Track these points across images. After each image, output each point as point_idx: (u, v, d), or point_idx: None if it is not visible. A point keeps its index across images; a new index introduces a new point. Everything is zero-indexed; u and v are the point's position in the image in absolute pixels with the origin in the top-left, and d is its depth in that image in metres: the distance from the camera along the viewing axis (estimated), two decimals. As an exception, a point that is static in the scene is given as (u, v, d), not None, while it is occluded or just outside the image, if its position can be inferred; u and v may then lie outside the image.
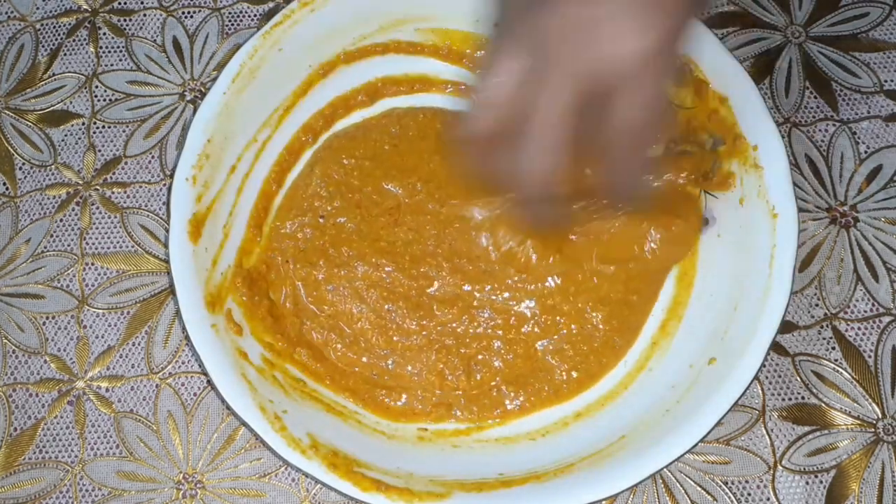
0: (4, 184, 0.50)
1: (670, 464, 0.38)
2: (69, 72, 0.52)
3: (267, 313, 0.44)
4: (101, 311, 0.47)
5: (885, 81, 0.50)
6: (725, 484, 0.43)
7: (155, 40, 0.53)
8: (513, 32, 0.31)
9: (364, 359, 0.44)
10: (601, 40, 0.28)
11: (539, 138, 0.31)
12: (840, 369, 0.45)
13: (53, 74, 0.52)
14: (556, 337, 0.44)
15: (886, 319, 0.46)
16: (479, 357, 0.44)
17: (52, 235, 0.48)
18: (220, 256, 0.44)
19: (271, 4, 0.53)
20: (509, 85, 0.31)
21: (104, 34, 0.53)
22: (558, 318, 0.45)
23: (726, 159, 0.45)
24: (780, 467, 0.43)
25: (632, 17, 0.28)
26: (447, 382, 0.44)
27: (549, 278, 0.45)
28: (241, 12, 0.53)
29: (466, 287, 0.45)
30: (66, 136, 0.51)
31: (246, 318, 0.44)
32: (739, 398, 0.39)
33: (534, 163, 0.31)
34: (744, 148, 0.44)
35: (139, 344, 0.46)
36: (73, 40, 0.53)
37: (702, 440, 0.38)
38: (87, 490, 0.43)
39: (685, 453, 0.38)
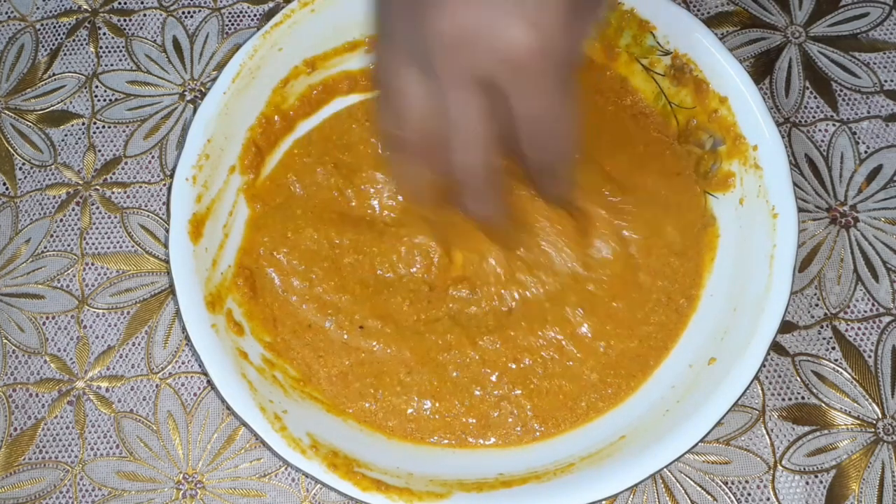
0: (4, 184, 0.50)
1: (670, 464, 0.38)
2: (69, 72, 0.52)
3: (268, 313, 0.44)
4: (101, 311, 0.47)
5: (885, 81, 0.50)
6: (725, 484, 0.43)
7: (155, 40, 0.53)
8: (400, 45, 0.32)
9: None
10: (491, 41, 0.29)
11: (464, 143, 0.32)
12: (840, 369, 0.45)
13: (53, 74, 0.52)
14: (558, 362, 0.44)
15: (886, 319, 0.46)
16: (496, 393, 0.43)
17: (52, 235, 0.48)
18: (220, 256, 0.44)
19: (271, 4, 0.53)
20: (417, 105, 0.32)
21: (104, 34, 0.53)
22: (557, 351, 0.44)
23: (726, 159, 0.45)
24: (780, 467, 0.43)
25: (518, 17, 0.28)
26: (460, 420, 0.43)
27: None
28: (241, 12, 0.53)
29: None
30: (66, 136, 0.51)
31: (246, 318, 0.43)
32: (739, 398, 0.39)
33: (468, 163, 0.33)
34: (744, 148, 0.44)
35: (139, 344, 0.46)
36: (73, 40, 0.53)
37: (701, 440, 0.38)
38: (87, 490, 0.43)
39: (685, 453, 0.38)
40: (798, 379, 0.45)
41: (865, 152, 0.49)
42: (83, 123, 0.51)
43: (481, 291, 0.44)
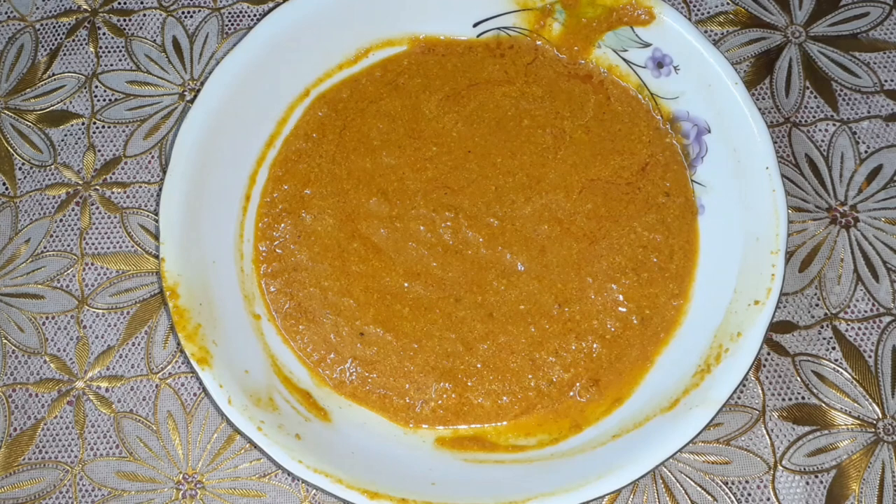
0: (4, 184, 0.50)
1: (667, 460, 0.38)
2: (69, 72, 0.52)
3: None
4: (100, 311, 0.47)
5: (885, 81, 0.50)
6: (725, 484, 0.43)
7: (155, 40, 0.53)
8: None
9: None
10: None
11: None
12: (840, 369, 0.45)
13: (53, 74, 0.52)
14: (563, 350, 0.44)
15: (887, 319, 0.46)
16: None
17: (51, 235, 0.48)
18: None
19: (271, 4, 0.53)
20: None
21: (104, 34, 0.53)
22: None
23: None
24: (780, 467, 0.43)
25: None
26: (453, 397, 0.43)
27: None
28: (241, 12, 0.53)
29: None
30: (65, 136, 0.50)
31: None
32: (734, 392, 0.38)
33: None
34: None
35: (139, 344, 0.46)
36: (73, 40, 0.53)
37: (697, 436, 0.38)
38: (86, 490, 0.43)
39: (680, 450, 0.38)
40: (798, 379, 0.45)
41: (865, 152, 0.49)
42: (83, 123, 0.51)
43: None
